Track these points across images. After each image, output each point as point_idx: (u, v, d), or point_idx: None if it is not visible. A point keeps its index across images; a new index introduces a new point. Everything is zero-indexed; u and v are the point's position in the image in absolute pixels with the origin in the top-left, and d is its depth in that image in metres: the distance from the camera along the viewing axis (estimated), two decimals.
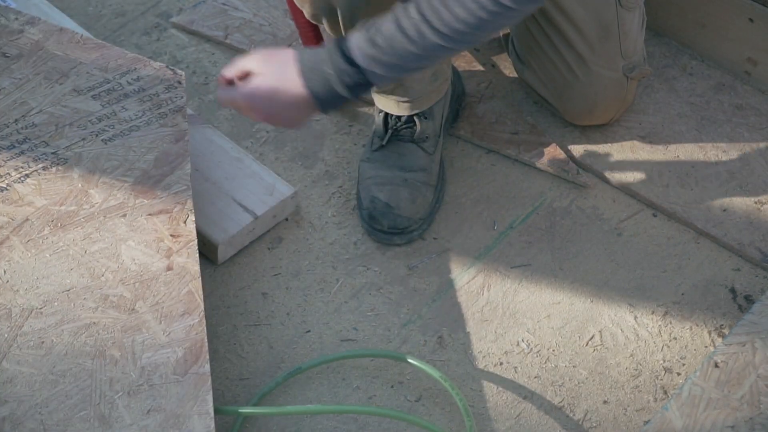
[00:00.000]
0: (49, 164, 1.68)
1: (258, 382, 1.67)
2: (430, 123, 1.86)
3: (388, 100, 1.83)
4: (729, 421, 1.52)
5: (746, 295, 1.79)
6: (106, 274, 1.58)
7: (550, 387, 1.69)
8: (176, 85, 1.81)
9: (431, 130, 1.86)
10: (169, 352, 1.51)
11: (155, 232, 1.63)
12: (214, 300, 1.76)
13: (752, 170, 1.93)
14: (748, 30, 2.01)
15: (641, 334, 1.74)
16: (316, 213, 1.88)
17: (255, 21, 2.14)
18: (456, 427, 1.64)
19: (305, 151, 1.96)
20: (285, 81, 1.51)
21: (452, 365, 1.70)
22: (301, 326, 1.74)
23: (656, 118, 2.00)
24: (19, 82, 1.78)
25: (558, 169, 1.92)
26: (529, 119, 1.98)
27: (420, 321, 1.76)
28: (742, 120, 2.00)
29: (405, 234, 1.83)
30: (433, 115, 1.86)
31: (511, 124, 1.98)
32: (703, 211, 1.88)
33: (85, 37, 1.86)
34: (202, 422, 1.45)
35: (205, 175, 1.84)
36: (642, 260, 1.84)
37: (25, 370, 1.48)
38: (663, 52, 2.10)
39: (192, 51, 2.11)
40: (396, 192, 1.82)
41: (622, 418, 1.65)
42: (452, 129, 1.96)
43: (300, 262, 1.81)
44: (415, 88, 1.81)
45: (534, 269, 1.82)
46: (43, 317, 1.53)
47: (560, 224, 1.88)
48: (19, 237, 1.60)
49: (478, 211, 1.89)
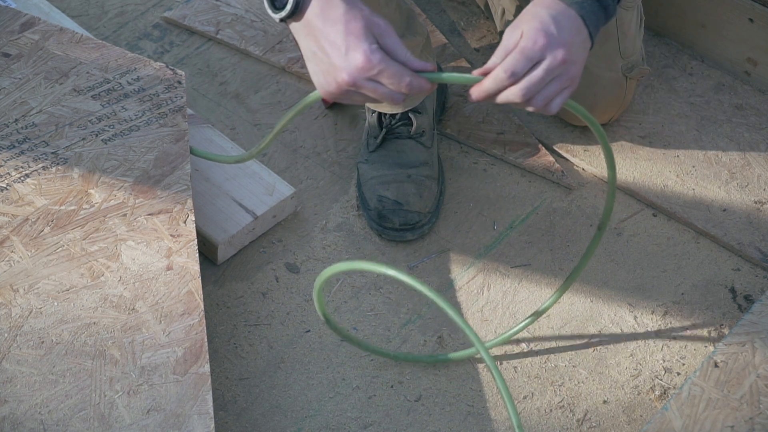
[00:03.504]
0: (49, 164, 1.68)
1: (258, 382, 1.67)
2: (424, 117, 1.86)
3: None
4: (729, 421, 1.52)
5: (746, 295, 1.79)
6: (106, 274, 1.58)
7: (550, 387, 1.69)
8: (176, 85, 1.81)
9: (426, 123, 1.87)
10: (169, 352, 1.51)
11: (155, 232, 1.63)
12: (214, 300, 1.76)
13: (752, 170, 1.94)
14: (748, 30, 2.01)
15: (641, 335, 1.74)
16: (316, 213, 1.88)
17: (246, 17, 2.14)
18: (456, 427, 1.64)
19: (305, 150, 1.96)
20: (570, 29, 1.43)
21: (452, 365, 1.70)
22: (301, 326, 1.74)
23: (656, 118, 2.00)
24: (19, 82, 1.78)
25: (543, 170, 1.92)
26: (515, 119, 1.98)
27: (420, 321, 1.76)
28: (742, 120, 2.00)
29: (416, 229, 1.83)
30: (425, 109, 1.87)
31: (498, 123, 1.98)
32: (703, 211, 1.88)
33: (85, 37, 1.86)
34: (202, 422, 1.45)
35: (205, 175, 1.84)
36: (642, 260, 1.84)
37: (25, 370, 1.48)
38: (663, 52, 2.10)
39: (193, 51, 2.11)
40: (402, 189, 1.83)
41: (622, 418, 1.65)
42: (439, 126, 1.96)
43: (300, 262, 1.81)
44: None
45: (534, 269, 1.82)
46: (43, 317, 1.53)
47: (560, 224, 1.88)
48: (19, 237, 1.60)
49: (478, 211, 1.89)
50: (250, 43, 2.10)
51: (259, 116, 2.00)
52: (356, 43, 1.41)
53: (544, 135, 1.99)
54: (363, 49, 1.41)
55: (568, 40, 1.42)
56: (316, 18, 1.44)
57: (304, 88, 2.05)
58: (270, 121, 1.99)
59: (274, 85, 2.06)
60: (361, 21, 1.42)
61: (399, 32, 1.77)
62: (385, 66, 1.41)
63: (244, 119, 2.00)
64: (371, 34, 1.42)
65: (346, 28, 1.42)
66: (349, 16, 1.42)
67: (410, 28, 1.80)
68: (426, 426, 1.64)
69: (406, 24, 1.79)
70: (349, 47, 1.42)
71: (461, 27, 2.16)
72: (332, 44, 1.42)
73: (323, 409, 1.65)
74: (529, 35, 1.41)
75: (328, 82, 1.44)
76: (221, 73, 2.07)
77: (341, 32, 1.42)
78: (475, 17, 2.17)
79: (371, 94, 1.44)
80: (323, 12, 1.43)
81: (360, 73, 1.42)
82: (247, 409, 1.64)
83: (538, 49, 1.40)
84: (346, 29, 1.42)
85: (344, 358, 1.70)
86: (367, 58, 1.41)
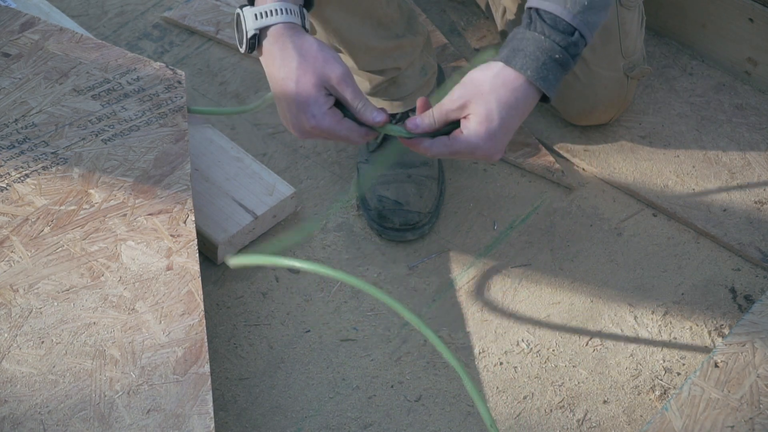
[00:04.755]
0: (49, 164, 1.68)
1: (258, 382, 1.67)
2: None
3: (381, 99, 1.83)
4: (729, 421, 1.52)
5: (746, 295, 1.79)
6: (106, 274, 1.58)
7: (550, 387, 1.69)
8: (176, 85, 1.81)
9: None
10: (168, 352, 1.51)
11: (155, 232, 1.63)
12: (214, 300, 1.76)
13: (752, 170, 1.94)
14: (748, 30, 2.01)
15: (641, 334, 1.74)
16: (316, 213, 1.88)
17: None
18: (456, 427, 1.64)
19: (305, 150, 1.96)
20: (517, 96, 1.45)
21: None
22: (301, 326, 1.74)
23: (656, 118, 2.00)
24: (19, 82, 1.78)
25: (543, 170, 1.92)
26: None
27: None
28: (742, 120, 2.00)
29: (417, 229, 1.83)
30: None
31: None
32: (703, 211, 1.88)
33: (85, 37, 1.86)
34: (201, 422, 1.45)
35: (205, 175, 1.84)
36: (642, 260, 1.84)
37: (25, 370, 1.48)
38: (663, 52, 2.10)
39: (193, 51, 2.11)
40: (403, 189, 1.83)
41: (622, 418, 1.65)
42: None
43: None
44: (408, 85, 1.81)
45: (534, 269, 1.82)
46: (43, 317, 1.53)
47: (560, 224, 1.88)
48: (19, 237, 1.60)
49: (478, 211, 1.89)
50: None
51: (259, 116, 2.00)
52: (305, 108, 1.43)
53: (544, 135, 1.99)
54: (312, 114, 1.43)
55: (505, 145, 1.46)
56: (271, 65, 1.45)
57: None
58: (270, 120, 1.99)
59: None
60: (312, 77, 1.42)
61: (399, 32, 1.77)
62: (333, 131, 1.44)
63: (244, 119, 2.00)
64: (323, 91, 1.43)
65: (297, 86, 1.43)
66: (300, 71, 1.43)
67: (411, 27, 1.80)
68: (426, 426, 1.64)
69: (407, 24, 1.79)
70: (299, 110, 1.44)
71: (461, 27, 2.16)
72: (285, 99, 1.44)
73: (323, 409, 1.65)
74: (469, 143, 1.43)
75: (288, 126, 1.48)
76: (221, 73, 2.07)
77: (292, 91, 1.43)
78: (475, 17, 2.17)
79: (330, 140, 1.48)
80: (277, 61, 1.44)
81: (309, 136, 1.46)
82: (247, 409, 1.64)
83: (472, 154, 1.45)
84: (297, 87, 1.43)
85: (344, 358, 1.70)
86: (314, 126, 1.44)
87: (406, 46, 1.79)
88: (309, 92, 1.43)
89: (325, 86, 1.43)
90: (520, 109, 1.45)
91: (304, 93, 1.43)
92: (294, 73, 1.43)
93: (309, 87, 1.43)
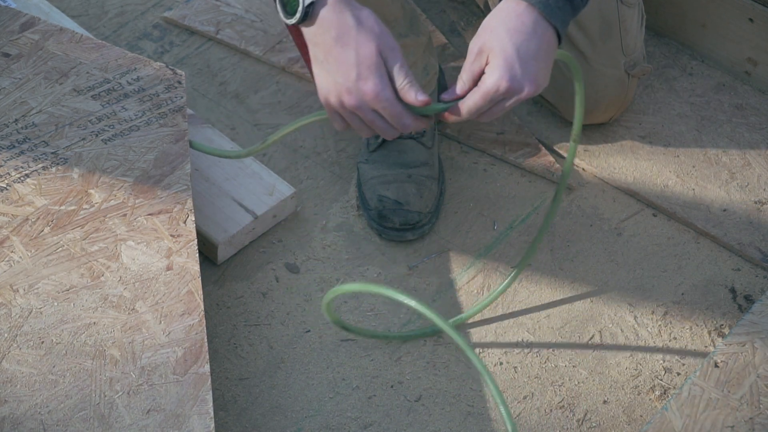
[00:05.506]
0: (49, 164, 1.68)
1: (258, 382, 1.67)
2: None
3: None
4: (729, 421, 1.52)
5: (746, 295, 1.79)
6: (106, 274, 1.58)
7: (550, 387, 1.69)
8: (176, 85, 1.81)
9: None
10: (168, 352, 1.51)
11: (155, 232, 1.63)
12: (214, 300, 1.76)
13: (752, 170, 1.94)
14: (748, 30, 2.01)
15: (641, 334, 1.74)
16: (316, 213, 1.88)
17: (246, 17, 2.14)
18: (456, 427, 1.64)
19: (305, 150, 1.96)
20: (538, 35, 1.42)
21: (452, 365, 1.70)
22: (301, 326, 1.74)
23: (656, 118, 2.00)
24: (19, 82, 1.78)
25: (543, 170, 1.92)
26: (516, 119, 1.98)
27: (419, 321, 1.75)
28: (742, 120, 2.00)
29: (417, 229, 1.83)
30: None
31: (498, 123, 1.98)
32: (703, 211, 1.88)
33: (85, 37, 1.86)
34: (201, 422, 1.45)
35: (205, 175, 1.84)
36: (642, 260, 1.84)
37: (25, 370, 1.48)
38: (663, 52, 2.10)
39: (193, 51, 2.11)
40: (403, 188, 1.83)
41: (622, 418, 1.65)
42: (439, 126, 1.97)
43: (300, 263, 1.81)
44: None
45: (534, 269, 1.82)
46: (43, 317, 1.53)
47: (560, 224, 1.88)
48: (19, 237, 1.60)
49: (478, 211, 1.89)
50: (250, 43, 2.10)
51: (259, 116, 2.00)
52: (367, 74, 1.41)
53: (544, 135, 1.99)
54: (374, 82, 1.41)
55: (533, 73, 1.42)
56: (326, 33, 1.42)
57: (304, 88, 2.05)
58: (270, 121, 1.99)
59: (274, 85, 2.06)
60: (373, 46, 1.41)
61: (402, 31, 1.77)
62: (390, 105, 1.42)
63: (244, 119, 2.00)
64: (382, 62, 1.41)
65: (357, 53, 1.41)
66: (360, 39, 1.41)
67: (413, 27, 1.80)
68: (426, 426, 1.64)
69: (409, 23, 1.79)
70: (360, 75, 1.41)
71: (461, 27, 2.16)
72: (343, 65, 1.42)
73: (323, 409, 1.65)
74: (492, 80, 1.41)
75: (333, 95, 1.44)
76: (221, 73, 2.07)
77: (352, 57, 1.41)
78: (475, 17, 2.17)
79: (368, 123, 1.45)
80: (334, 28, 1.42)
81: (366, 104, 1.43)
82: (247, 409, 1.64)
83: (501, 94, 1.42)
84: (358, 55, 1.41)
85: (344, 358, 1.70)
86: (376, 93, 1.41)
87: (409, 45, 1.79)
88: (372, 59, 1.40)
89: (382, 57, 1.42)
90: (532, 34, 1.41)
91: (367, 60, 1.40)
92: (354, 41, 1.41)
93: (372, 54, 1.40)
